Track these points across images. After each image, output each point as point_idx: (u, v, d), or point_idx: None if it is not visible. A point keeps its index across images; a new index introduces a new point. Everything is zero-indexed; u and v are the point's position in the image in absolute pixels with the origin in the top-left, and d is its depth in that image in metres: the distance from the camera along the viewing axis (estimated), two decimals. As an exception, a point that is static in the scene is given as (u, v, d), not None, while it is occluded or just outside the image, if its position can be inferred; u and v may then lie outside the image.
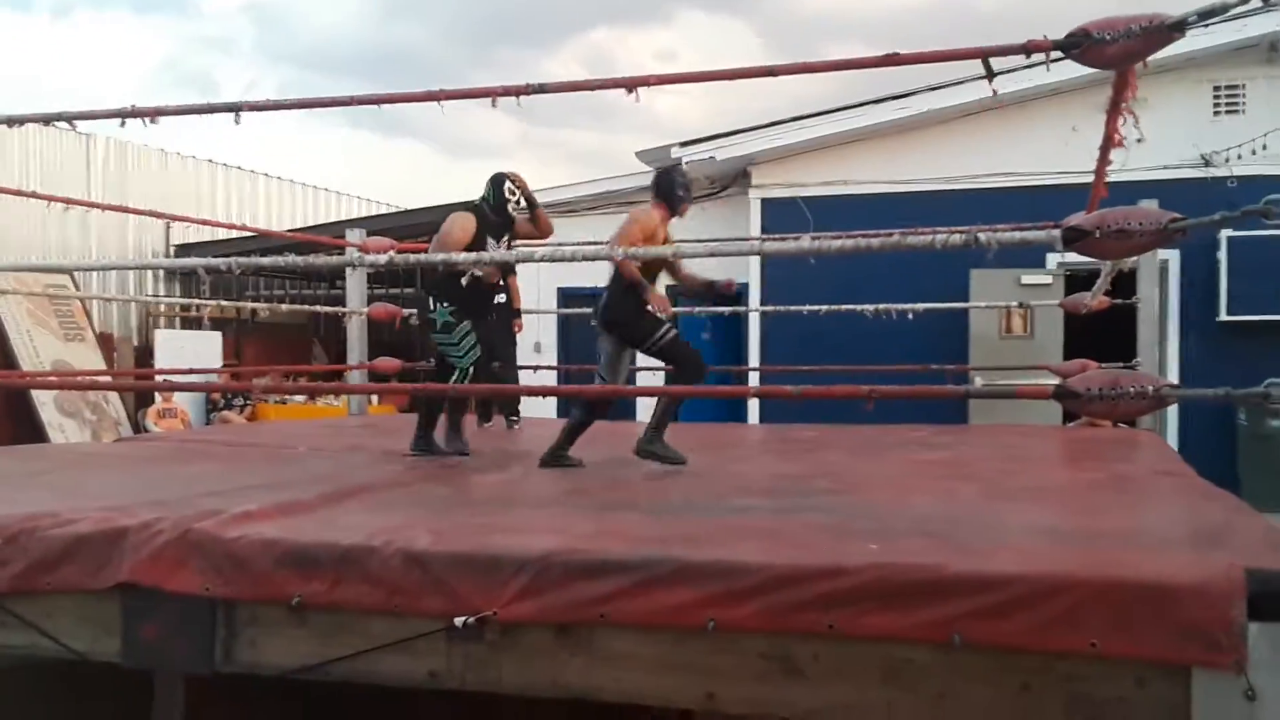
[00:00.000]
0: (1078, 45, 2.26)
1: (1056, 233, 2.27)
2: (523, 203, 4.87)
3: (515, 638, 2.53)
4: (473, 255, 4.36)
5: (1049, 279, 9.87)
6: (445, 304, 4.84)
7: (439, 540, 2.67)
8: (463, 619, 2.51)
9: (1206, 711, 2.07)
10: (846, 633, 2.29)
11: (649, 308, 4.46)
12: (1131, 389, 2.22)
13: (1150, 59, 2.46)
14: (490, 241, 4.81)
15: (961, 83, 10.10)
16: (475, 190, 4.98)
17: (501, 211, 4.84)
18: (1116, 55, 2.26)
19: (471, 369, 4.83)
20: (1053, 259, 10.07)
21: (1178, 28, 2.18)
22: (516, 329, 7.45)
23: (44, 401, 11.75)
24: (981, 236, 2.50)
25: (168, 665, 2.81)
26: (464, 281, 4.84)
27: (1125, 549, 2.46)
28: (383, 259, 3.65)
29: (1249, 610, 2.03)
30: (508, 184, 4.85)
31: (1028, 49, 2.37)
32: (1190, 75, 10.00)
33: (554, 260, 3.20)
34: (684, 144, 11.29)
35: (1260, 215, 2.02)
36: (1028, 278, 9.78)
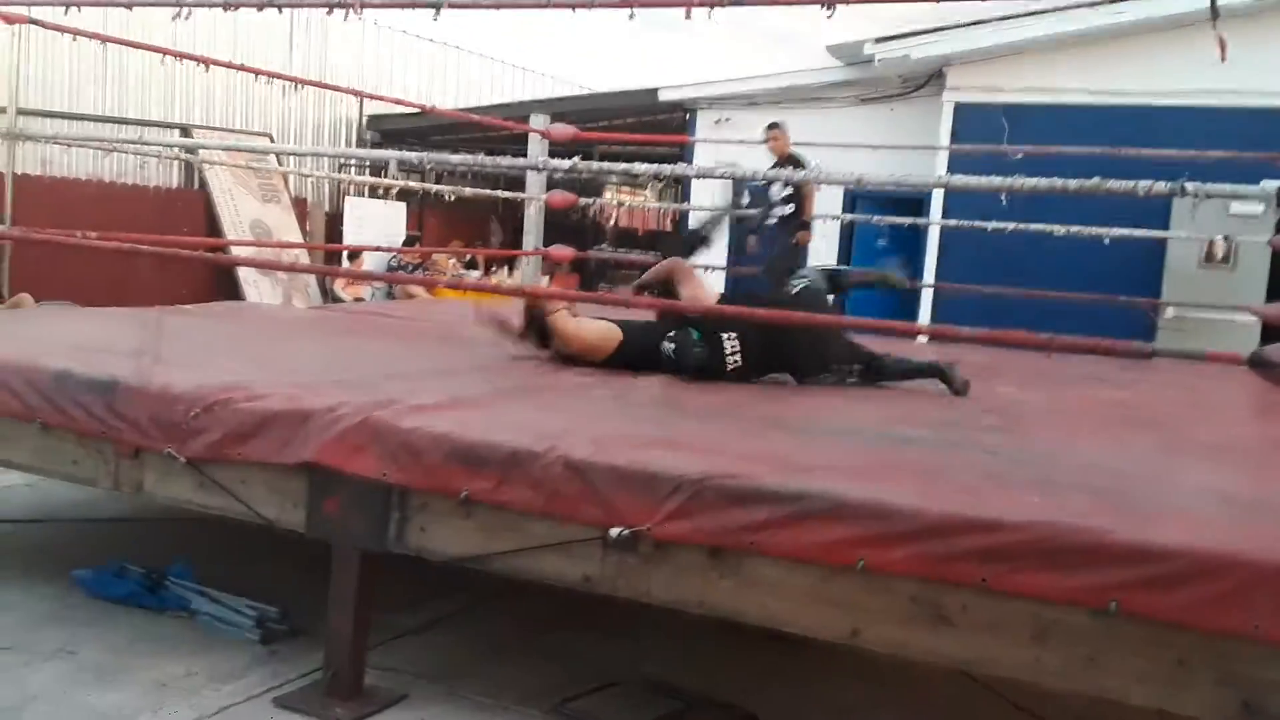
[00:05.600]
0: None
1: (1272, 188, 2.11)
2: None
3: (667, 554, 2.60)
4: None
5: (1260, 208, 9.14)
6: None
7: (599, 451, 2.72)
8: (617, 531, 2.59)
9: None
10: (999, 588, 2.27)
11: None
12: (1337, 368, 2.07)
13: None
14: None
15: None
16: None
17: None
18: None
19: None
20: (1271, 183, 9.33)
21: None
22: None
23: (243, 260, 12.50)
24: (1189, 186, 2.35)
25: (346, 540, 3.01)
26: None
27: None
28: (565, 165, 3.61)
29: None
30: None
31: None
32: None
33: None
34: (878, 40, 10.83)
35: None
36: (1238, 206, 9.09)
